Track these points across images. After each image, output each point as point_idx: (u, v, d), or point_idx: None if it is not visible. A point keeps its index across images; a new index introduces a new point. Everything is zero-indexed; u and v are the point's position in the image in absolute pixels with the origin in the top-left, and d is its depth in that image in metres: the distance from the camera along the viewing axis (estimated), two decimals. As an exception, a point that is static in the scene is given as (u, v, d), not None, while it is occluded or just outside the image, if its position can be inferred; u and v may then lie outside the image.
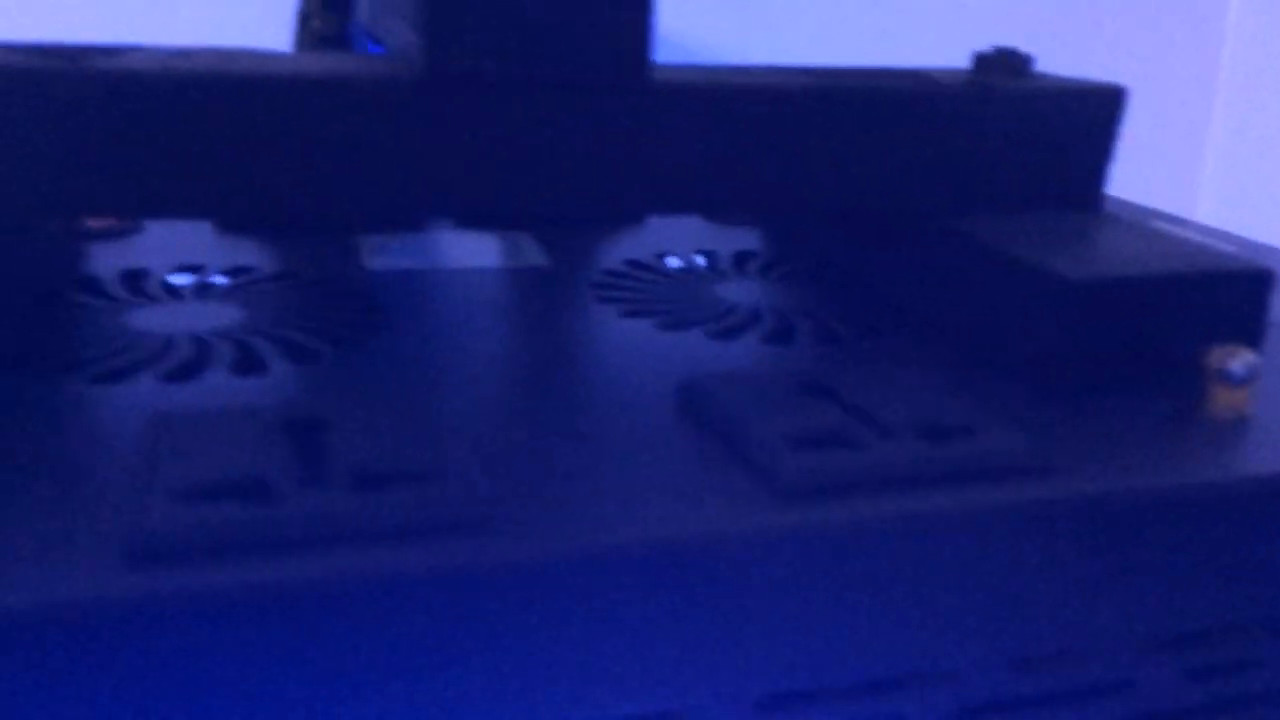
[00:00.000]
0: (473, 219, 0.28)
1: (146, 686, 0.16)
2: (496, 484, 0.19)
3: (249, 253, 0.33)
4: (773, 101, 0.27)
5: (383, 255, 0.34)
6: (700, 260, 0.35)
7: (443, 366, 0.25)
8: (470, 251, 0.35)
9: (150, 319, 0.27)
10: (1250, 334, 0.25)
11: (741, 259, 0.35)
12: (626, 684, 0.18)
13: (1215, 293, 0.25)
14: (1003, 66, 0.29)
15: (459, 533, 0.18)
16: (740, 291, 0.32)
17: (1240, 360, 0.23)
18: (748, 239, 0.38)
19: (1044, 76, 0.30)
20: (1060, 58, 0.31)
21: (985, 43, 0.32)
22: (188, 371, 0.24)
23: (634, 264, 0.34)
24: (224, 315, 0.28)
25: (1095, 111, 0.29)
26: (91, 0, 0.47)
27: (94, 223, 0.34)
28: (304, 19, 0.34)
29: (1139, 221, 0.30)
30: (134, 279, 0.30)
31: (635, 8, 0.25)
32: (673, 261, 0.35)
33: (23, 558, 0.17)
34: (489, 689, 0.18)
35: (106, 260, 0.32)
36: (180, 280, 0.31)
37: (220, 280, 0.31)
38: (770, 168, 0.27)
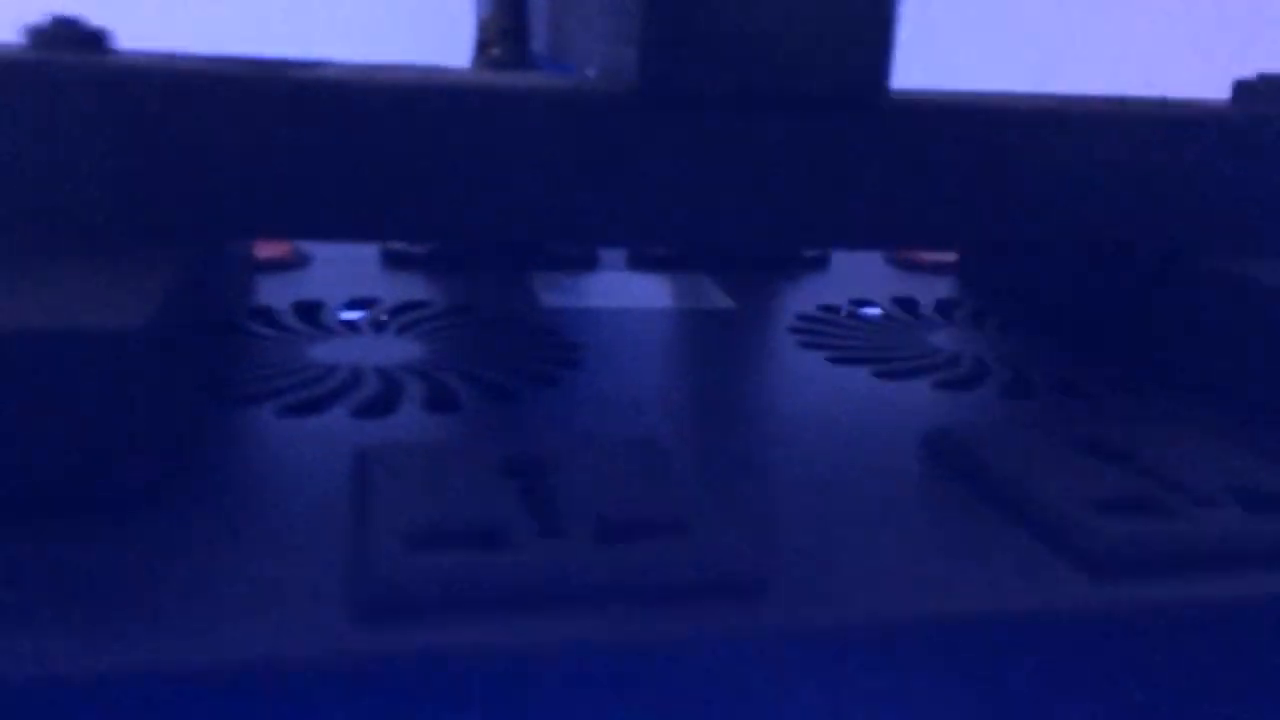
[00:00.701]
0: (685, 246, 0.26)
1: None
2: (756, 540, 0.17)
3: (419, 287, 0.31)
4: (1022, 126, 0.24)
5: (559, 293, 0.32)
6: (899, 308, 0.32)
7: (654, 410, 0.23)
8: (648, 291, 0.33)
9: (331, 352, 0.25)
10: None
11: (945, 307, 0.32)
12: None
13: None
14: (1270, 94, 0.26)
15: (726, 594, 0.15)
16: (954, 340, 0.29)
17: None
18: (942, 286, 0.35)
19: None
20: None
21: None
22: (379, 406, 0.22)
23: (829, 309, 0.31)
24: (406, 349, 0.26)
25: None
26: (260, 35, 0.46)
27: (263, 254, 0.32)
28: (482, 46, 0.33)
29: None
30: (309, 311, 0.29)
31: (878, 19, 0.23)
32: (870, 308, 0.32)
33: (239, 608, 0.14)
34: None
35: (277, 292, 0.30)
36: (355, 314, 0.29)
37: (394, 315, 0.29)
38: (1024, 198, 0.24)
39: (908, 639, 0.15)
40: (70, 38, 0.22)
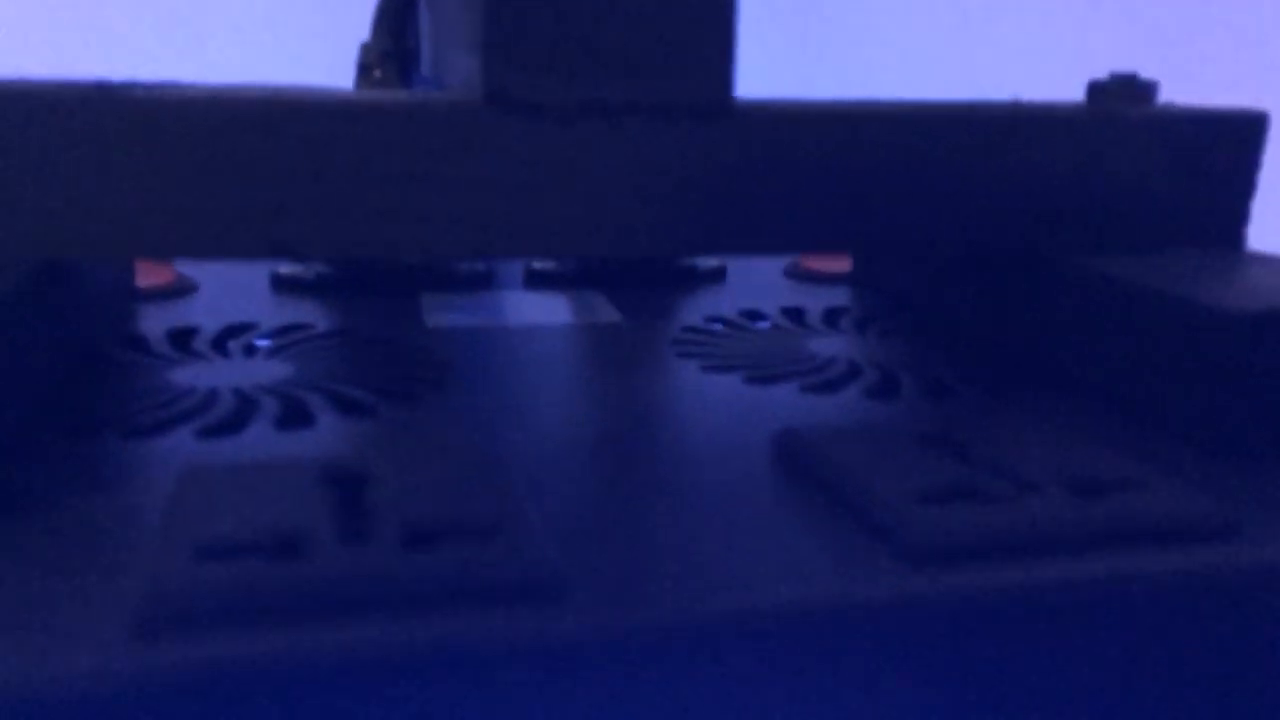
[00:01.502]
0: (535, 253, 0.25)
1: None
2: (569, 543, 0.17)
3: (304, 312, 0.31)
4: (874, 130, 0.24)
5: (444, 313, 0.32)
6: (786, 318, 0.32)
7: (509, 422, 0.23)
8: (538, 309, 0.33)
9: (196, 376, 0.25)
10: None
11: (832, 315, 0.32)
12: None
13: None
14: (1123, 94, 0.26)
15: (525, 598, 0.15)
16: (834, 346, 0.29)
17: None
18: (836, 296, 0.35)
19: (1170, 105, 0.27)
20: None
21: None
22: (227, 426, 0.22)
23: (715, 319, 0.31)
24: (273, 371, 0.26)
25: (1233, 140, 0.26)
26: (140, 54, 0.46)
27: (144, 281, 0.32)
28: (364, 70, 0.33)
29: None
30: (182, 337, 0.28)
31: (718, 23, 0.23)
32: (757, 320, 0.32)
33: (17, 625, 0.14)
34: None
35: (156, 320, 0.30)
36: (231, 339, 0.28)
37: (270, 339, 0.28)
38: (872, 202, 0.24)
39: (709, 635, 0.15)
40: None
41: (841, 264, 0.37)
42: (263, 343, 0.28)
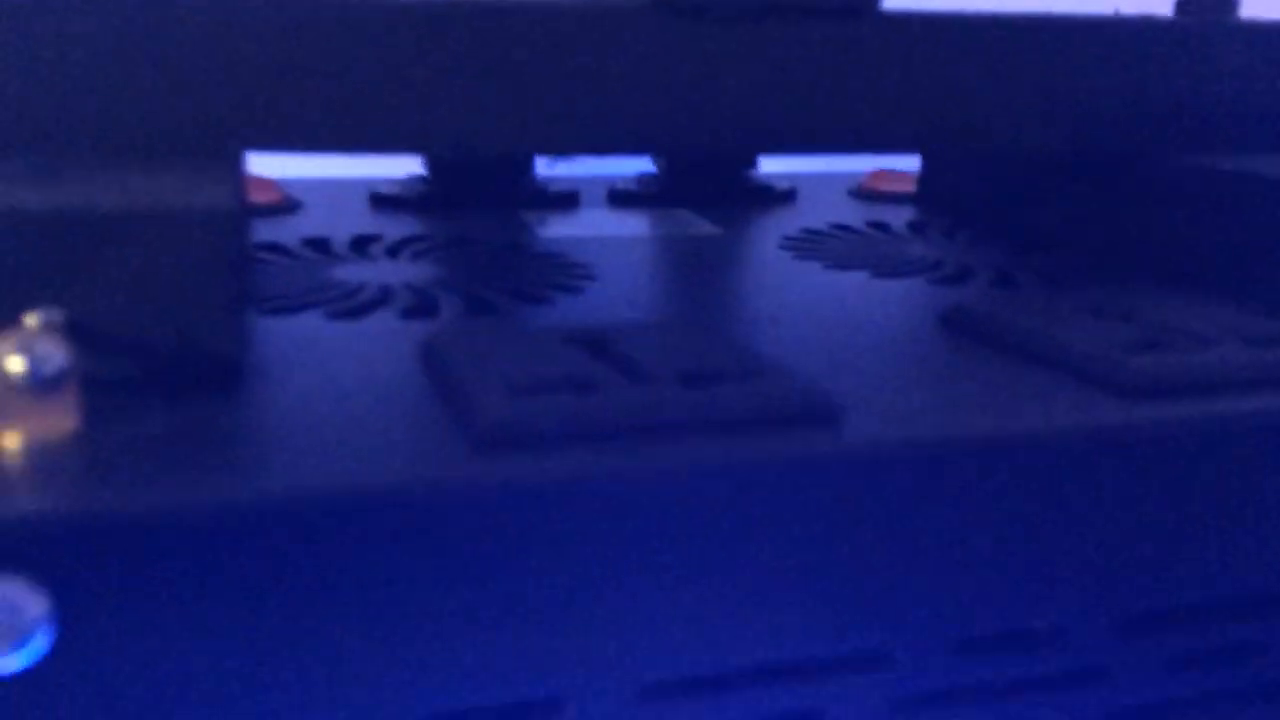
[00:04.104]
0: (694, 150, 0.27)
1: (488, 565, 0.15)
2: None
3: (414, 226, 0.32)
4: (995, 38, 0.26)
5: (552, 226, 0.33)
6: (874, 229, 0.34)
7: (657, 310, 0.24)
8: (638, 223, 0.34)
9: (354, 273, 0.26)
10: None
11: (916, 225, 0.34)
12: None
13: None
14: (1209, 5, 0.28)
15: (806, 423, 0.17)
16: (932, 249, 0.31)
17: None
18: (904, 213, 0.36)
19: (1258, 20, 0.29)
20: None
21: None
22: (422, 311, 0.23)
23: (810, 230, 0.33)
24: (422, 272, 0.27)
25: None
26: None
27: (255, 199, 0.33)
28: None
29: None
30: (318, 244, 0.29)
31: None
32: (846, 230, 0.34)
33: (373, 445, 0.15)
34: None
35: (276, 231, 0.31)
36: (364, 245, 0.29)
37: (403, 244, 0.29)
38: (992, 107, 0.26)
39: (974, 457, 0.17)
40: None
41: (904, 184, 0.39)
42: (394, 244, 0.29)
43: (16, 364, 0.15)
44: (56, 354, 0.15)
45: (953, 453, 0.16)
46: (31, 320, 0.16)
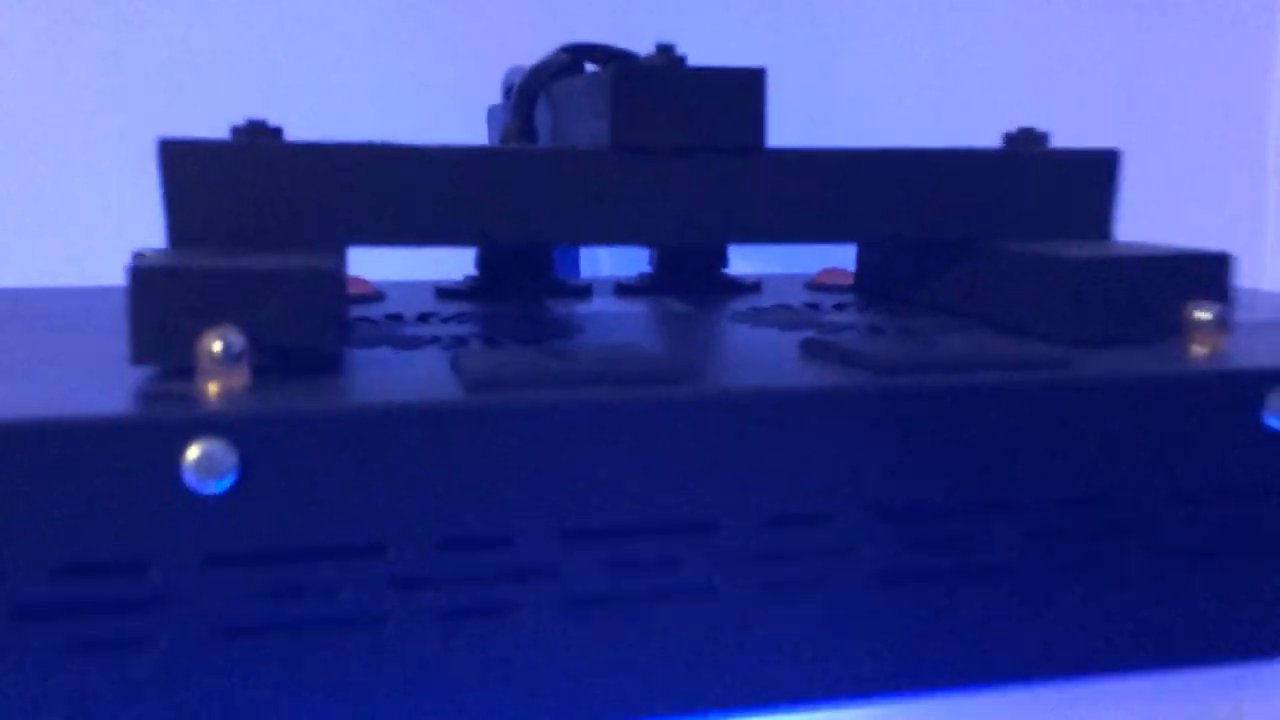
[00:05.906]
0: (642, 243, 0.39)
1: (482, 480, 0.26)
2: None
3: (465, 307, 0.45)
4: (863, 168, 0.38)
5: (563, 307, 0.45)
6: (806, 307, 0.45)
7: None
8: (633, 305, 0.46)
9: (416, 331, 0.38)
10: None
11: (840, 304, 0.45)
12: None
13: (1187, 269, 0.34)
14: (1026, 140, 0.40)
15: (670, 380, 0.28)
16: (841, 317, 0.42)
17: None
18: (841, 297, 0.48)
19: (1059, 149, 0.41)
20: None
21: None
22: (413, 345, 0.35)
23: (758, 308, 0.45)
24: (455, 330, 0.39)
25: (1100, 168, 0.39)
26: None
27: (352, 291, 0.45)
28: (504, 139, 0.47)
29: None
30: (394, 318, 0.42)
31: (754, 95, 0.37)
32: (784, 309, 0.45)
33: (410, 388, 0.27)
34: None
35: (365, 312, 0.43)
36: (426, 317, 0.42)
37: (454, 318, 0.42)
38: (859, 205, 0.38)
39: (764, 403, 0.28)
40: (257, 130, 0.36)
41: (847, 279, 0.51)
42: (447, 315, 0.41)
43: (217, 346, 0.27)
44: (237, 341, 0.27)
45: (726, 399, 0.28)
46: (223, 328, 0.28)
